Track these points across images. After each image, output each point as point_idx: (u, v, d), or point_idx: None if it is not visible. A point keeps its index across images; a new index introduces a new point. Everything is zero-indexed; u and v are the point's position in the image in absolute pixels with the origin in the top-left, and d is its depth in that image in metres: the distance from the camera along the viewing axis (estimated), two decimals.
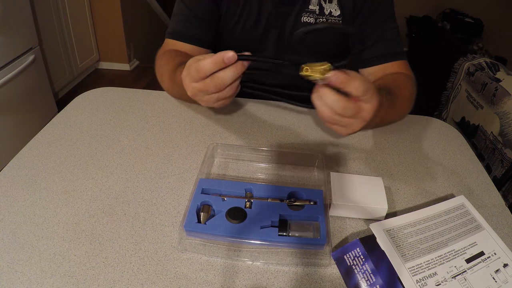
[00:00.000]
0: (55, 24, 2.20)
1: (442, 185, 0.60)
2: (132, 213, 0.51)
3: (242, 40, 0.82)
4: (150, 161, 0.61)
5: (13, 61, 1.71)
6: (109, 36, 2.73)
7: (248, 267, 0.45)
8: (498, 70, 1.35)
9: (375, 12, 0.75)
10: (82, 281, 0.42)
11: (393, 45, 0.76)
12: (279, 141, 0.68)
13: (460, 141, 0.73)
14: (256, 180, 0.59)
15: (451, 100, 1.59)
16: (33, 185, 0.55)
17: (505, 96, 1.23)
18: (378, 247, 0.45)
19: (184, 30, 0.77)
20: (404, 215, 0.50)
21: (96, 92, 0.80)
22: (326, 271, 0.45)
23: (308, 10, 0.77)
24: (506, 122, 1.21)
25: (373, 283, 0.42)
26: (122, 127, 0.69)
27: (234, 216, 0.47)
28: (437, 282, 0.42)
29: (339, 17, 0.77)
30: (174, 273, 0.44)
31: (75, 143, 0.64)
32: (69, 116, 0.72)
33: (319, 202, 0.50)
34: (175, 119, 0.72)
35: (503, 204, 0.57)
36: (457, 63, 1.56)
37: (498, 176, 1.22)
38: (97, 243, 0.47)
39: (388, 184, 0.59)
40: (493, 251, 0.46)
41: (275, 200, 0.51)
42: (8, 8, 1.63)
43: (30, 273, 0.43)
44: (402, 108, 0.70)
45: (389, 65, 0.76)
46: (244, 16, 0.78)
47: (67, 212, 0.51)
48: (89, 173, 0.58)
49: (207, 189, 0.52)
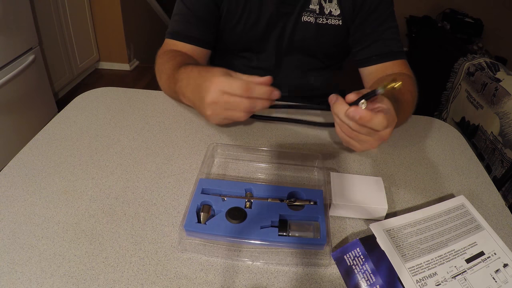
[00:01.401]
0: (55, 24, 2.20)
1: (442, 185, 0.60)
2: (132, 213, 0.51)
3: (242, 40, 0.82)
4: (150, 161, 0.61)
5: (13, 61, 1.71)
6: (109, 36, 2.73)
7: (248, 267, 0.45)
8: (498, 70, 1.35)
9: (375, 11, 0.75)
10: (82, 281, 0.42)
11: (392, 44, 0.76)
12: (279, 141, 0.68)
13: (460, 141, 0.73)
14: (256, 180, 0.59)
15: (451, 100, 1.59)
16: (33, 185, 0.55)
17: (505, 96, 1.23)
18: (378, 247, 0.45)
19: (184, 30, 0.77)
20: (404, 215, 0.50)
21: (96, 92, 0.80)
22: (326, 271, 0.45)
23: (308, 9, 0.77)
24: (506, 122, 1.21)
25: (373, 283, 0.42)
26: (122, 127, 0.69)
27: (234, 216, 0.47)
28: (437, 282, 0.42)
29: (339, 16, 0.77)
30: (174, 273, 0.44)
31: (75, 143, 0.64)
32: (69, 116, 0.72)
33: (319, 202, 0.50)
34: (175, 119, 0.72)
35: (503, 204, 0.57)
36: (457, 63, 1.56)
37: (498, 176, 1.22)
38: (97, 243, 0.47)
39: (388, 184, 0.59)
40: (493, 251, 0.46)
41: (275, 200, 0.51)
42: (8, 8, 1.63)
43: (30, 273, 0.43)
44: (406, 113, 0.69)
45: (389, 65, 0.76)
46: (244, 16, 0.78)
47: (67, 212, 0.51)
48: (89, 173, 0.58)
49: (207, 189, 0.52)
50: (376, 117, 0.48)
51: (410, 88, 0.70)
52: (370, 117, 0.48)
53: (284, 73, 0.88)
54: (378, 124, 0.48)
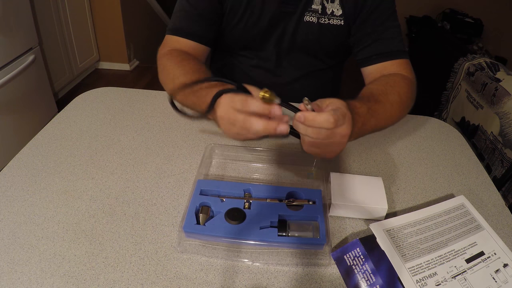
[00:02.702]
0: (55, 24, 2.19)
1: (442, 185, 0.60)
2: (132, 213, 0.51)
3: (244, 38, 0.82)
4: (150, 161, 0.61)
5: (13, 61, 1.71)
6: (109, 36, 2.72)
7: (248, 267, 0.45)
8: (498, 70, 1.35)
9: (376, 10, 0.75)
10: (82, 281, 0.42)
11: (393, 43, 0.76)
12: (277, 141, 0.68)
13: (460, 141, 0.72)
14: (255, 180, 0.59)
15: (451, 100, 1.59)
16: (33, 185, 0.55)
17: (505, 96, 1.23)
18: (378, 247, 0.45)
19: (186, 27, 0.77)
20: (404, 215, 0.50)
21: (96, 92, 0.80)
22: (326, 271, 0.45)
23: (311, 9, 0.77)
24: (506, 122, 1.21)
25: (373, 283, 0.42)
26: (122, 127, 0.69)
27: (233, 217, 0.47)
28: (437, 282, 0.42)
29: (341, 16, 0.77)
30: (174, 273, 0.44)
31: (75, 143, 0.64)
32: (69, 116, 0.72)
33: (318, 202, 0.50)
34: (175, 119, 0.72)
35: (503, 204, 0.57)
36: (457, 63, 1.56)
37: (498, 176, 1.22)
38: (97, 243, 0.47)
39: (388, 184, 0.59)
40: (493, 251, 0.46)
41: (274, 200, 0.51)
42: (8, 8, 1.63)
43: (30, 273, 0.43)
44: (391, 114, 0.66)
45: (388, 64, 0.75)
46: (246, 15, 0.78)
47: (67, 212, 0.51)
48: (89, 173, 0.58)
49: (206, 190, 0.52)
50: (320, 115, 0.47)
51: (399, 89, 0.69)
52: (313, 116, 0.47)
53: (285, 72, 0.88)
54: (324, 121, 0.47)
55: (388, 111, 0.65)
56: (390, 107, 0.65)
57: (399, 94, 0.68)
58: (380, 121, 0.63)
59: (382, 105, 0.63)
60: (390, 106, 0.65)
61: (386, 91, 0.67)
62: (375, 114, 0.61)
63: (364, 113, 0.58)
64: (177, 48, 0.76)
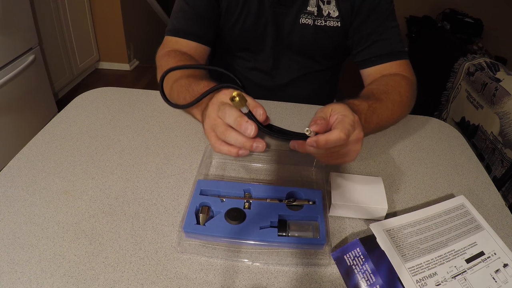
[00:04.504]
0: (55, 24, 2.20)
1: (442, 185, 0.60)
2: (132, 213, 0.51)
3: (241, 38, 0.82)
4: (150, 161, 0.61)
5: (13, 61, 1.71)
6: (109, 36, 2.73)
7: (248, 267, 0.45)
8: (498, 70, 1.35)
9: (374, 11, 0.74)
10: (82, 281, 0.42)
11: (392, 44, 0.76)
12: (277, 141, 0.68)
13: (460, 141, 0.72)
14: (255, 180, 0.59)
15: (451, 100, 1.59)
16: (33, 185, 0.55)
17: (505, 96, 1.23)
18: (378, 247, 0.45)
19: (185, 27, 0.77)
20: (404, 215, 0.50)
21: (96, 92, 0.80)
22: (326, 271, 0.45)
23: (306, 11, 0.77)
24: (506, 122, 1.21)
25: (373, 283, 0.42)
26: (122, 127, 0.69)
27: (233, 217, 0.47)
28: (437, 282, 0.42)
29: (338, 18, 0.77)
30: (174, 273, 0.44)
31: (75, 143, 0.64)
32: (69, 116, 0.72)
33: (318, 201, 0.50)
34: (175, 119, 0.72)
35: (503, 204, 0.57)
36: (457, 63, 1.56)
37: (498, 176, 1.22)
38: (97, 243, 0.47)
39: (388, 184, 0.59)
40: (493, 251, 0.46)
41: (274, 200, 0.51)
42: (8, 8, 1.63)
43: (30, 273, 0.43)
44: (392, 112, 0.66)
45: (388, 65, 0.75)
46: (243, 16, 0.78)
47: (67, 212, 0.51)
48: (89, 173, 0.58)
49: (206, 190, 0.52)
50: (331, 135, 0.45)
51: (399, 88, 0.69)
52: (325, 139, 0.45)
53: (282, 74, 0.88)
54: (336, 141, 0.45)
55: (390, 109, 0.65)
56: (391, 105, 0.65)
57: (399, 93, 0.68)
58: (382, 118, 0.63)
59: (384, 103, 0.64)
60: (391, 105, 0.65)
61: (387, 90, 0.67)
62: (376, 112, 0.61)
63: (364, 109, 0.58)
64: (176, 49, 0.76)
